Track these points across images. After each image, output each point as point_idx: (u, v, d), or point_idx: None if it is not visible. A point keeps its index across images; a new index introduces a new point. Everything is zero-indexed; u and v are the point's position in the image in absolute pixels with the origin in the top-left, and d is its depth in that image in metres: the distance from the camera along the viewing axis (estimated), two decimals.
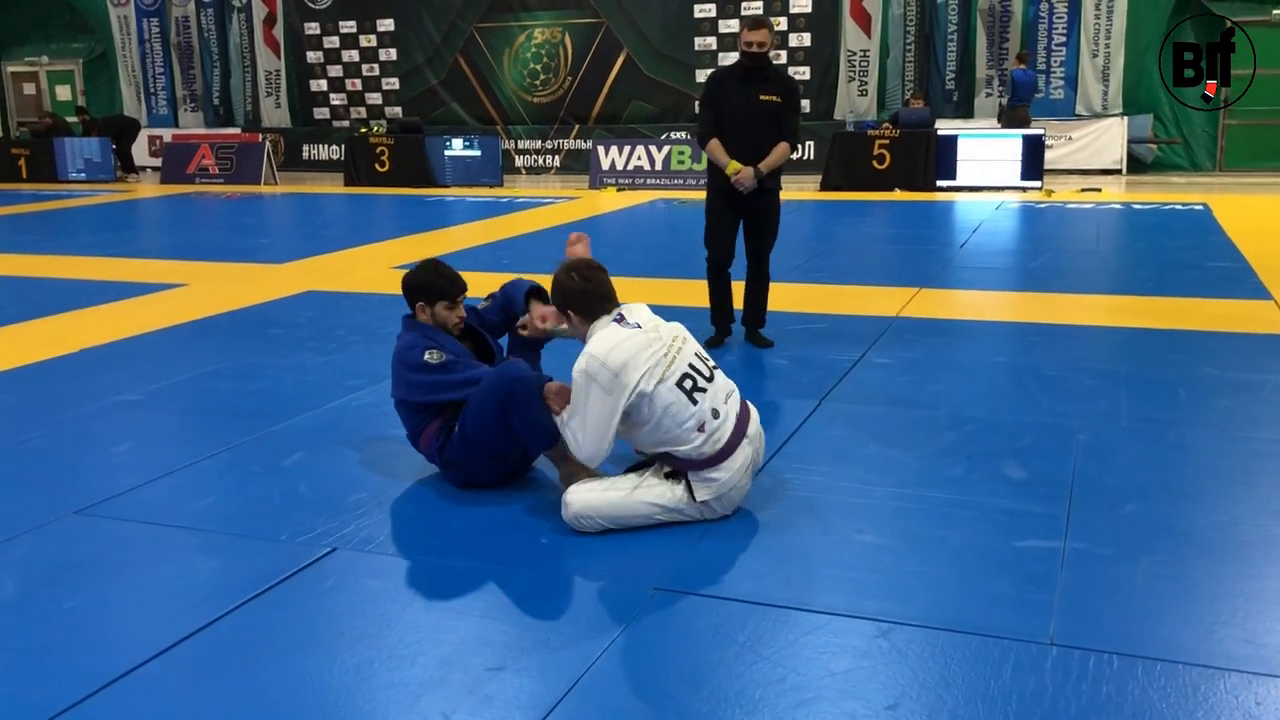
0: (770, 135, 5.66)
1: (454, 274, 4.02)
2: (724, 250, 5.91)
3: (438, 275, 4.00)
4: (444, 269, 4.03)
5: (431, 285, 3.96)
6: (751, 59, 5.61)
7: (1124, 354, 5.74)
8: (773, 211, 5.89)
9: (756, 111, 5.64)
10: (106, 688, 2.64)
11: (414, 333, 3.94)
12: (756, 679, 2.64)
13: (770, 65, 5.74)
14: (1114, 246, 10.10)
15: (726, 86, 5.73)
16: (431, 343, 3.88)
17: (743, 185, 5.65)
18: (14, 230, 12.80)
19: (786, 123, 5.69)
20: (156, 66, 21.65)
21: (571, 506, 3.53)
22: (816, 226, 11.75)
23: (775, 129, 5.67)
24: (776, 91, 5.65)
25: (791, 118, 5.73)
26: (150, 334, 6.63)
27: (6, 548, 3.48)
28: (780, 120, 5.67)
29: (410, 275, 4.02)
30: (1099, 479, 3.91)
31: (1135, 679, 2.60)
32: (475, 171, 16.65)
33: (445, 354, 3.86)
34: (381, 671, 2.72)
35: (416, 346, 3.87)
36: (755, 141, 5.66)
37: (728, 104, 5.69)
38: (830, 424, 4.62)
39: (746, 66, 5.64)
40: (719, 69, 6.11)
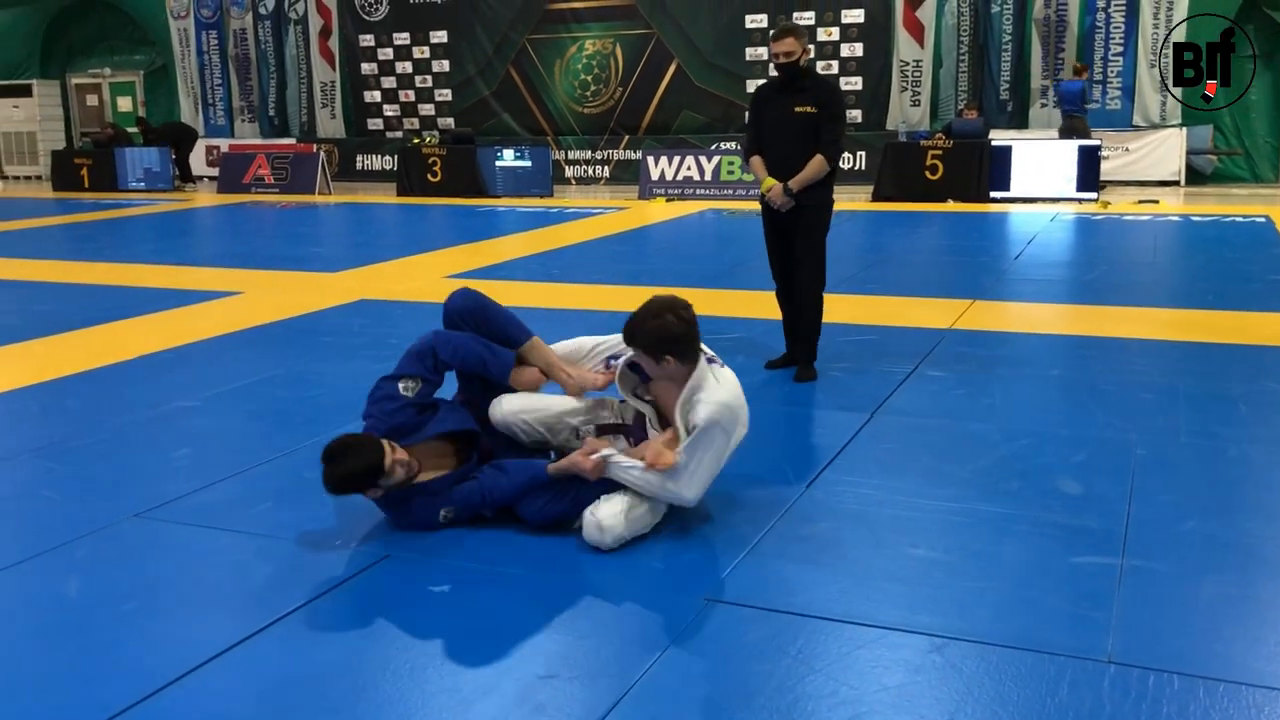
0: (806, 148, 5.35)
1: (348, 470, 3.47)
2: (776, 269, 5.72)
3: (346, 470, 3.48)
4: (339, 467, 3.48)
5: (362, 475, 3.47)
6: (782, 70, 5.39)
7: (1183, 368, 5.64)
8: (812, 232, 5.50)
9: (791, 124, 5.38)
10: (165, 689, 2.68)
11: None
12: (808, 692, 2.63)
13: (807, 75, 5.44)
14: (1172, 259, 9.94)
15: (766, 99, 5.55)
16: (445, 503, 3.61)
17: (775, 203, 5.43)
18: (77, 239, 13.09)
19: (823, 133, 5.35)
20: (214, 78, 22.04)
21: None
22: (868, 237, 11.68)
23: (811, 141, 5.35)
24: (812, 101, 5.35)
25: (829, 128, 5.35)
26: (207, 341, 6.74)
27: (69, 549, 3.55)
28: (816, 132, 5.36)
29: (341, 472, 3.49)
30: (1157, 495, 3.84)
31: (1197, 699, 2.55)
32: (526, 182, 16.76)
33: (453, 508, 3.62)
34: (434, 677, 2.74)
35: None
36: (790, 155, 5.39)
37: (767, 117, 5.51)
38: (883, 437, 4.58)
39: (780, 78, 5.45)
40: (764, 82, 5.86)
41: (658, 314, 3.47)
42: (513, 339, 3.88)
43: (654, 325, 3.45)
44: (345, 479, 3.47)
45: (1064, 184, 14.04)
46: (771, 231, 5.65)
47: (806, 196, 5.41)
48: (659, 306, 3.49)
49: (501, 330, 3.89)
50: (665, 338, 3.44)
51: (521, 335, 3.90)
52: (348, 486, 3.49)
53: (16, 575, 3.38)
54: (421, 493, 3.56)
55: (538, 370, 3.90)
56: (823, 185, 5.46)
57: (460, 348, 3.80)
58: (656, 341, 3.45)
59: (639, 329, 3.49)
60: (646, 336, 3.46)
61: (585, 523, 3.47)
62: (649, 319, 3.47)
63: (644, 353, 3.50)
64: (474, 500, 3.59)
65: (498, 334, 3.88)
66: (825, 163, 5.35)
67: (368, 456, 3.45)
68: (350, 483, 3.48)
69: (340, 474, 3.45)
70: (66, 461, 4.47)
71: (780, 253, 5.67)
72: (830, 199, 5.58)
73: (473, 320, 3.87)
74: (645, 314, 3.50)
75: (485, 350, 3.82)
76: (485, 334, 3.87)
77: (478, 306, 3.90)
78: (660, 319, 3.45)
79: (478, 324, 3.87)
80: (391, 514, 3.63)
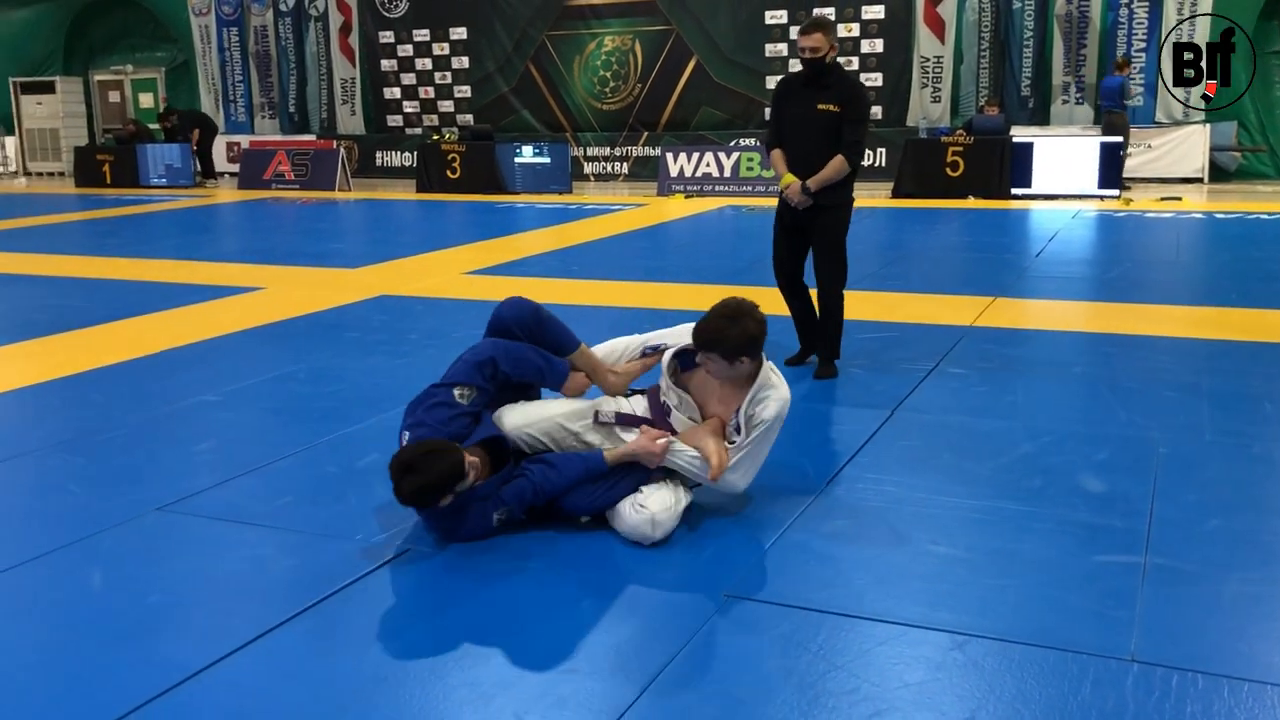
0: (826, 147, 5.26)
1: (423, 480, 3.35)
2: (782, 267, 5.61)
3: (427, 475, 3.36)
4: (418, 473, 3.35)
5: (445, 480, 3.36)
6: (807, 65, 5.29)
7: (1206, 366, 5.60)
8: (831, 232, 5.44)
9: (812, 121, 5.29)
10: (187, 681, 2.70)
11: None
12: (829, 688, 2.62)
13: (832, 71, 5.33)
14: (1195, 257, 9.87)
15: (789, 93, 5.45)
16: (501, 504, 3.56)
17: (791, 200, 5.36)
18: (99, 234, 13.17)
19: (845, 134, 5.26)
20: (235, 74, 22.15)
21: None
22: (889, 234, 11.64)
23: (832, 141, 5.26)
24: (835, 100, 5.25)
25: (851, 129, 5.27)
26: (229, 336, 6.77)
27: (93, 542, 3.58)
28: (838, 131, 5.27)
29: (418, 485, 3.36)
30: (1181, 493, 3.82)
31: (1221, 699, 2.54)
32: (545, 178, 16.77)
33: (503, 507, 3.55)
34: (455, 670, 2.75)
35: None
36: (810, 153, 5.30)
37: (788, 112, 5.42)
38: (904, 434, 4.57)
39: (805, 73, 5.36)
40: (789, 74, 5.79)
41: (735, 319, 3.48)
42: (565, 347, 3.89)
43: (737, 332, 3.46)
44: (428, 487, 3.32)
45: (1086, 181, 13.95)
46: (785, 227, 5.56)
47: (824, 197, 5.34)
48: (733, 311, 3.51)
49: (555, 338, 3.88)
50: (748, 342, 3.49)
51: (571, 343, 3.91)
52: (428, 496, 3.35)
53: (41, 567, 3.40)
54: (473, 499, 3.48)
55: (583, 375, 3.91)
56: (842, 185, 5.39)
57: (521, 359, 3.79)
58: (739, 346, 3.49)
59: (722, 337, 3.48)
60: (731, 343, 3.48)
61: (633, 517, 3.46)
62: (730, 326, 3.48)
63: (720, 355, 3.52)
64: (526, 497, 3.53)
65: (551, 342, 3.88)
66: (845, 164, 5.27)
67: (450, 460, 3.35)
68: (432, 491, 3.33)
69: (423, 483, 3.30)
70: (89, 455, 4.50)
71: (789, 249, 5.58)
72: (850, 199, 5.51)
73: (526, 328, 3.85)
74: (723, 320, 3.50)
75: (543, 360, 3.83)
76: (537, 342, 3.86)
77: (533, 315, 3.87)
78: (740, 325, 3.47)
79: (531, 332, 3.86)
80: (444, 526, 3.51)
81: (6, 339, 6.74)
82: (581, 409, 3.78)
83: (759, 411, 3.57)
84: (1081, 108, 16.56)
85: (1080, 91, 16.55)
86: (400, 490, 3.34)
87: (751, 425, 3.58)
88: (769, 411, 3.56)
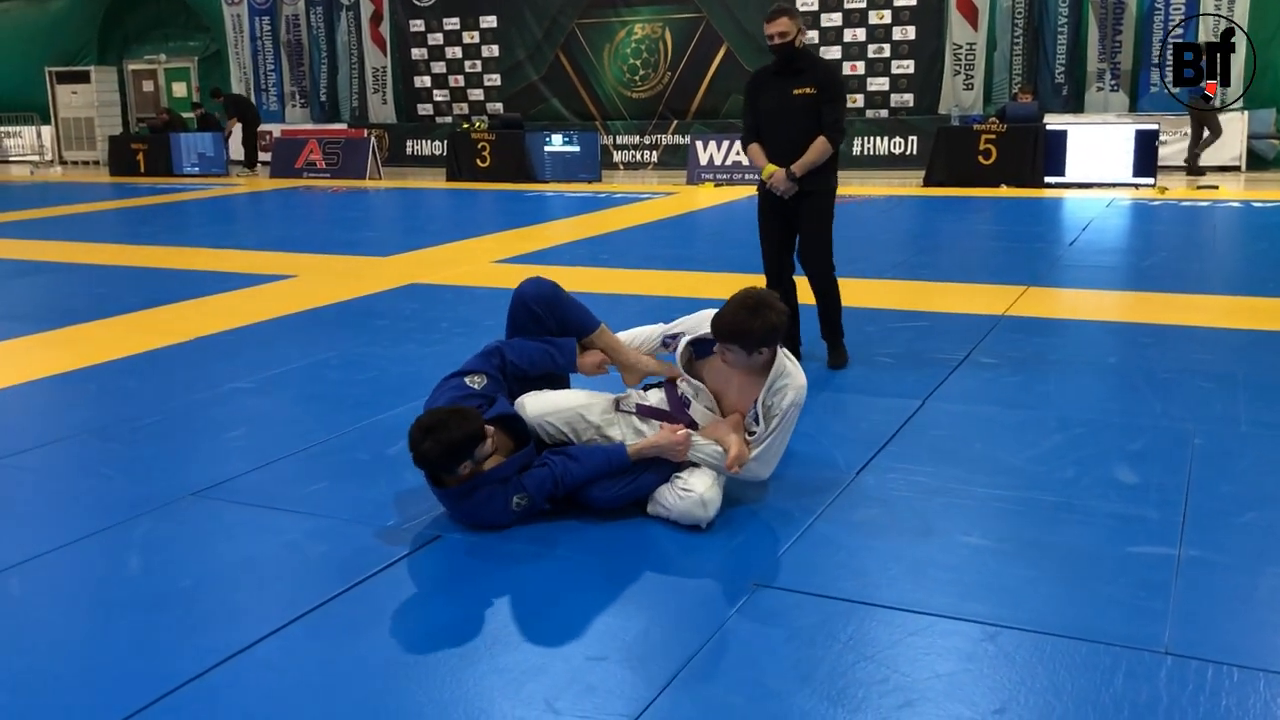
0: (808, 132, 5.19)
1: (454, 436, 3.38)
2: (774, 264, 5.49)
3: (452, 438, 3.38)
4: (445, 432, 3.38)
5: (465, 442, 3.39)
6: (777, 51, 5.20)
7: (1243, 356, 5.53)
8: (818, 215, 5.37)
9: (791, 108, 5.21)
10: (221, 664, 2.73)
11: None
12: (860, 678, 2.61)
13: (803, 56, 5.27)
14: (1232, 246, 9.74)
15: (762, 85, 5.35)
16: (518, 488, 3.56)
17: (777, 189, 5.26)
18: (133, 222, 13.30)
19: (825, 115, 5.19)
20: (267, 64, 22.27)
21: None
22: (920, 223, 11.57)
23: (813, 124, 5.19)
24: (811, 83, 5.19)
25: (830, 110, 5.20)
26: (261, 324, 6.82)
27: (128, 527, 3.62)
28: (818, 115, 5.20)
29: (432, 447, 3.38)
30: (1216, 485, 3.78)
31: (1257, 692, 2.51)
32: (574, 167, 16.77)
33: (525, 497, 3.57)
34: (486, 657, 2.77)
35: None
36: (792, 140, 5.22)
37: (763, 103, 5.32)
38: (935, 423, 4.54)
39: (776, 61, 5.26)
40: (758, 67, 5.64)
41: (756, 311, 3.47)
42: (584, 327, 3.93)
43: (759, 324, 3.46)
44: (448, 449, 3.34)
45: (1121, 169, 13.79)
46: (771, 220, 5.45)
47: (809, 181, 5.27)
48: (754, 303, 3.49)
49: (575, 318, 3.93)
50: (769, 332, 3.49)
51: (591, 323, 3.95)
52: (448, 459, 3.37)
53: (77, 552, 3.45)
54: (489, 481, 3.48)
55: (599, 354, 3.94)
56: (826, 169, 5.31)
57: (524, 348, 3.86)
58: (761, 338, 3.49)
59: (744, 329, 3.48)
60: (753, 335, 3.47)
61: (681, 502, 3.48)
62: (751, 318, 3.47)
63: (740, 346, 3.52)
64: (546, 486, 3.54)
65: (570, 321, 3.92)
66: (828, 145, 5.21)
67: (471, 422, 3.38)
68: (453, 454, 3.36)
69: (444, 442, 3.33)
70: (124, 441, 4.55)
71: (779, 241, 5.47)
72: (834, 184, 5.43)
73: (546, 306, 3.90)
74: (744, 312, 3.49)
75: (548, 345, 3.88)
76: (557, 320, 3.91)
77: (552, 294, 3.93)
78: (762, 316, 3.47)
79: (550, 310, 3.90)
80: (460, 508, 3.51)
81: (42, 326, 6.83)
82: (602, 402, 3.79)
83: (777, 401, 3.58)
84: (1116, 95, 16.36)
85: (1115, 79, 16.36)
86: (420, 451, 3.36)
87: (770, 415, 3.59)
88: (786, 400, 3.57)
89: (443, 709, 2.53)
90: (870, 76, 17.69)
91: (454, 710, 2.53)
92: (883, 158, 17.35)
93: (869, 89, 17.73)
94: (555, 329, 3.93)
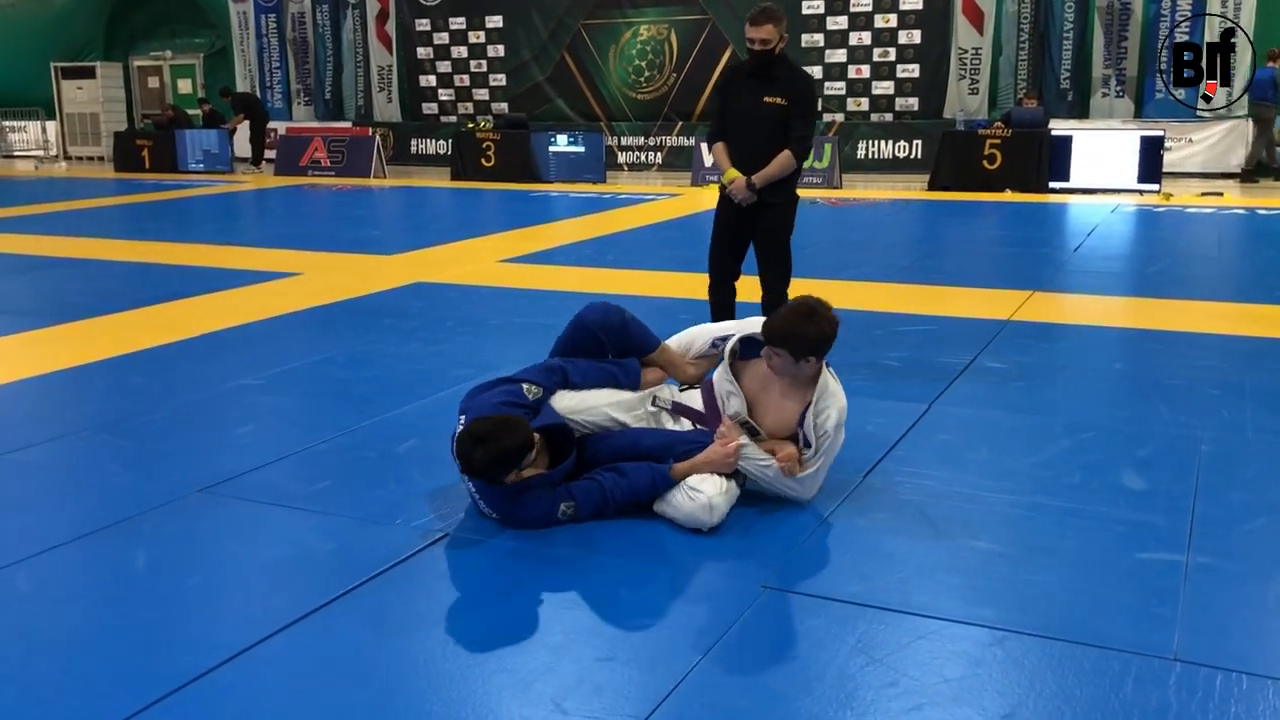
0: (774, 142, 5.08)
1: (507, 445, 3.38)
2: (719, 267, 5.41)
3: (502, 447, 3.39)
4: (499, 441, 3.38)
5: (517, 450, 3.40)
6: (756, 56, 5.08)
7: (1250, 364, 5.52)
8: (776, 231, 5.26)
9: (759, 115, 5.10)
10: (228, 662, 2.73)
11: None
12: (868, 681, 2.61)
13: (779, 64, 5.12)
14: (1237, 252, 9.73)
15: (734, 85, 5.24)
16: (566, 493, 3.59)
17: (736, 196, 5.16)
18: (138, 218, 13.30)
19: (793, 129, 5.08)
20: (273, 61, 22.27)
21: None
22: (925, 227, 11.57)
23: (779, 135, 5.08)
24: (782, 93, 5.06)
25: (799, 124, 5.10)
26: (267, 321, 6.83)
27: (136, 522, 3.62)
28: (785, 126, 5.09)
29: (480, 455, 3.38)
30: (1224, 492, 3.77)
31: (1266, 700, 2.51)
32: (579, 168, 16.78)
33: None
34: (493, 657, 2.76)
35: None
36: (756, 148, 5.11)
37: (733, 105, 5.21)
38: (941, 427, 4.54)
39: (752, 64, 5.14)
40: (732, 64, 5.59)
41: (810, 318, 3.46)
42: (647, 347, 3.99)
43: (813, 330, 3.44)
44: (501, 457, 3.35)
45: (1125, 175, 13.79)
46: (727, 225, 5.36)
47: (770, 193, 5.17)
48: (808, 309, 3.49)
49: (638, 342, 3.98)
50: (821, 341, 3.47)
51: (652, 343, 4.01)
52: (498, 469, 3.38)
53: (84, 547, 3.45)
54: (538, 484, 3.49)
55: (659, 371, 4.01)
56: (787, 181, 5.22)
57: (588, 370, 3.90)
58: (812, 346, 3.47)
59: (796, 334, 3.46)
60: (804, 341, 3.46)
61: (688, 504, 3.47)
62: (805, 324, 3.45)
63: (789, 352, 3.49)
64: (595, 498, 3.53)
65: (634, 345, 3.97)
66: (792, 160, 5.11)
67: (520, 432, 3.39)
68: (504, 462, 3.36)
69: (497, 451, 3.33)
70: (131, 437, 4.55)
71: (731, 248, 5.39)
72: (795, 197, 5.34)
73: (613, 333, 3.94)
74: (798, 318, 3.47)
75: (614, 367, 3.93)
76: (620, 343, 3.95)
77: (620, 322, 3.96)
78: (816, 323, 3.46)
79: (617, 336, 3.94)
80: (507, 507, 3.49)
81: (48, 321, 6.83)
82: (629, 400, 3.80)
83: (822, 423, 3.57)
84: (1121, 101, 16.36)
85: (1120, 84, 16.36)
86: (470, 461, 3.37)
87: (818, 436, 3.58)
88: (831, 422, 3.57)
89: (450, 708, 2.53)
90: (875, 80, 17.69)
91: (462, 709, 2.53)
92: (887, 161, 17.35)
93: (874, 92, 17.73)
94: (617, 353, 3.99)
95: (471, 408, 3.65)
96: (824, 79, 17.84)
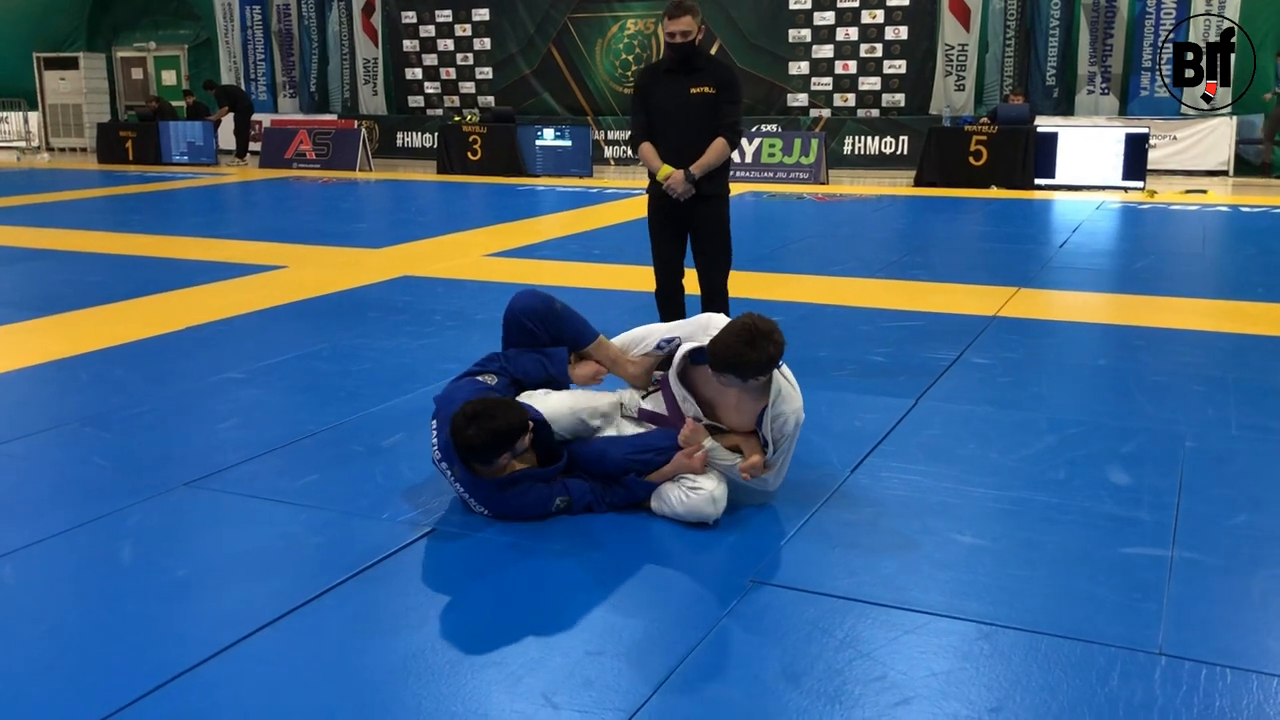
0: (704, 134, 5.04)
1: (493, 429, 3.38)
2: (665, 270, 5.35)
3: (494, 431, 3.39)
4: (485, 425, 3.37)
5: (511, 430, 3.39)
6: (676, 50, 5.04)
7: (1233, 360, 5.56)
8: (715, 223, 5.21)
9: (688, 107, 5.04)
10: (214, 656, 2.72)
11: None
12: (855, 675, 2.62)
13: (701, 55, 5.12)
14: (1221, 250, 9.78)
15: (655, 83, 5.18)
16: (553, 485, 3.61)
17: (674, 191, 5.06)
18: (122, 210, 13.22)
19: (723, 115, 5.05)
20: (257, 53, 22.15)
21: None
22: (910, 223, 11.59)
23: (711, 125, 5.04)
24: (710, 82, 5.04)
25: (729, 110, 5.06)
26: (252, 314, 6.80)
27: (121, 516, 3.60)
28: (715, 114, 5.05)
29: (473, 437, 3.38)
30: (1208, 488, 3.80)
31: (1250, 693, 2.53)
32: (565, 161, 16.76)
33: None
34: (482, 651, 2.76)
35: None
36: (690, 141, 5.06)
37: (657, 102, 5.15)
38: (928, 423, 4.55)
39: (672, 59, 5.09)
40: (648, 64, 5.52)
41: (753, 344, 3.37)
42: (581, 338, 3.91)
43: (755, 356, 3.37)
44: (494, 436, 3.33)
45: (1110, 172, 13.85)
46: (665, 223, 5.28)
47: (706, 185, 5.12)
48: (751, 335, 3.38)
49: (570, 331, 3.91)
50: (766, 364, 3.42)
51: (587, 335, 3.93)
52: (492, 448, 3.36)
53: (69, 541, 3.43)
54: (530, 477, 3.49)
55: (595, 365, 3.93)
56: (721, 172, 5.18)
57: (519, 359, 3.87)
58: (757, 370, 3.43)
59: (740, 361, 3.38)
60: (749, 367, 3.40)
61: (691, 499, 3.48)
62: (749, 350, 3.37)
63: (735, 375, 3.45)
64: (586, 497, 3.56)
65: (564, 335, 3.90)
66: (727, 146, 5.08)
67: (516, 413, 3.38)
68: (497, 442, 3.34)
69: (490, 430, 3.31)
70: (116, 430, 4.53)
71: (673, 246, 5.32)
72: (728, 186, 5.31)
73: (538, 320, 3.87)
74: (740, 346, 3.37)
75: (542, 358, 3.87)
76: (551, 334, 3.88)
77: (546, 308, 3.90)
78: (759, 349, 3.37)
79: (543, 323, 3.87)
80: (496, 497, 3.49)
81: (30, 314, 6.79)
82: (597, 404, 3.76)
83: (779, 427, 3.56)
84: (1107, 98, 16.43)
85: (1106, 82, 16.42)
86: (464, 436, 3.33)
87: (776, 441, 3.58)
88: (789, 425, 3.56)
89: (440, 702, 2.53)
90: (862, 76, 17.71)
91: (451, 703, 2.52)
92: (873, 157, 17.37)
93: (860, 88, 17.76)
94: (549, 342, 3.90)
95: (443, 400, 3.66)
96: (811, 74, 17.86)
